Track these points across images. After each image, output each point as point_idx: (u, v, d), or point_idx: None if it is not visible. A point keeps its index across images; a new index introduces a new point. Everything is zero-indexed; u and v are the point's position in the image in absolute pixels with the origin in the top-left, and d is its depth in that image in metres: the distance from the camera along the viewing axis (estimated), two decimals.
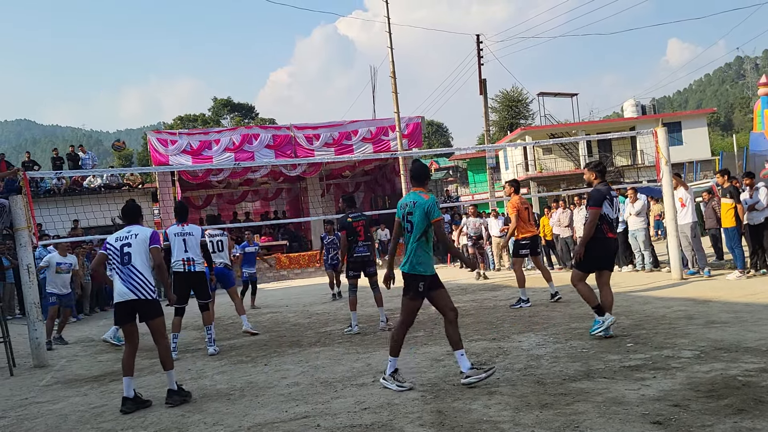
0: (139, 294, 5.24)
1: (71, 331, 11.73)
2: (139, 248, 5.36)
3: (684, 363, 4.85)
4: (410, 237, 5.09)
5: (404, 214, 5.19)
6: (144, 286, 5.27)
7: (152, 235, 5.48)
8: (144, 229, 5.52)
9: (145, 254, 5.38)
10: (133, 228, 5.52)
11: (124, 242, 5.38)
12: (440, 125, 73.76)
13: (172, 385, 5.23)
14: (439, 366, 5.67)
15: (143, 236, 5.41)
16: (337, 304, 12.25)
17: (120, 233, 5.50)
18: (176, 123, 56.99)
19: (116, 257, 5.36)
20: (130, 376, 5.22)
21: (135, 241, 5.37)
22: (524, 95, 50.81)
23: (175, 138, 21.94)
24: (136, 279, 5.26)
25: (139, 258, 5.32)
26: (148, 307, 5.29)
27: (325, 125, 23.14)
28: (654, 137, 10.59)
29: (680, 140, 35.30)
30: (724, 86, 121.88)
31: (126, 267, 5.29)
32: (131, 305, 5.26)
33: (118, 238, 5.44)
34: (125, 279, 5.26)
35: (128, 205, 5.76)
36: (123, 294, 5.24)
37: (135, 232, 5.45)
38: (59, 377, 7.15)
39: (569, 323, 7.23)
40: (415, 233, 5.05)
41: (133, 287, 5.24)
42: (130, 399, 5.14)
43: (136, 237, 5.39)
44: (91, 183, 23.01)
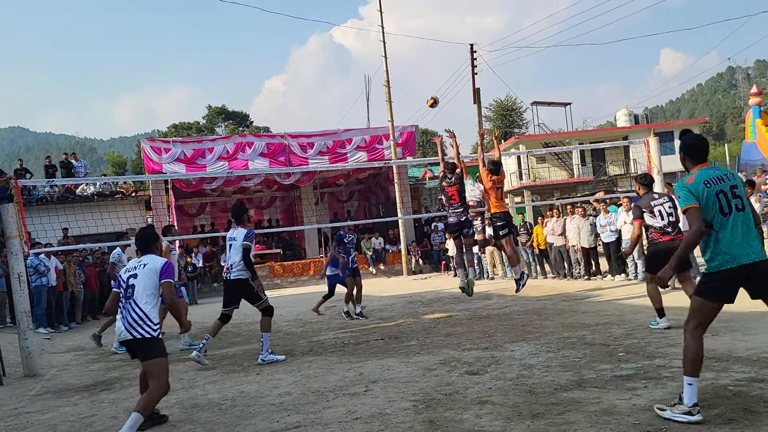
0: (134, 333, 4.65)
1: (62, 340, 11.67)
2: (145, 281, 4.77)
3: (675, 372, 4.86)
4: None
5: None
6: (141, 323, 4.67)
7: (164, 268, 4.85)
8: (155, 260, 4.92)
9: (152, 288, 4.78)
10: (144, 259, 4.95)
11: (131, 273, 4.85)
12: (435, 134, 73.92)
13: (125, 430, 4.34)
14: (431, 375, 5.66)
15: (152, 267, 4.83)
16: (330, 313, 12.20)
17: (131, 264, 4.99)
18: (170, 131, 56.90)
19: (122, 290, 4.85)
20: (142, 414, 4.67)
21: (142, 272, 4.81)
22: (518, 104, 51.04)
23: (168, 146, 21.90)
24: (134, 316, 4.68)
25: (142, 292, 4.74)
26: (145, 346, 4.70)
27: (319, 134, 23.16)
28: (646, 147, 10.65)
29: (673, 149, 35.40)
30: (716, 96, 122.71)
31: (128, 301, 4.75)
32: (131, 344, 4.73)
33: (127, 270, 4.94)
34: (124, 315, 4.73)
35: (141, 233, 5.22)
36: (122, 332, 4.72)
37: (145, 262, 4.88)
38: (49, 387, 7.10)
39: (561, 332, 7.23)
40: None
41: (129, 325, 4.67)
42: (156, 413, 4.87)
43: (144, 267, 4.83)
44: (84, 191, 22.93)
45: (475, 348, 6.82)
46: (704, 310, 3.96)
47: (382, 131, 23.40)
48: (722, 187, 3.88)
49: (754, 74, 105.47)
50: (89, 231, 17.77)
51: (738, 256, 3.78)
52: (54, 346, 10.71)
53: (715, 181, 3.90)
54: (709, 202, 3.85)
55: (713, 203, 3.84)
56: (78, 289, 14.52)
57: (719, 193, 3.86)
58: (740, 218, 3.86)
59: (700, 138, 4.19)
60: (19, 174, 20.67)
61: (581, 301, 9.93)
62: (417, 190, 29.31)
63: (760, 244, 3.90)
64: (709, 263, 3.91)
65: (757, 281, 3.84)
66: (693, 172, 4.02)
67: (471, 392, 4.90)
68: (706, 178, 3.90)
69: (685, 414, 3.76)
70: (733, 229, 3.82)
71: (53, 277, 12.93)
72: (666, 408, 3.88)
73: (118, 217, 19.30)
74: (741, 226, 3.84)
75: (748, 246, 3.80)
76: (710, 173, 3.93)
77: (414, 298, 13.34)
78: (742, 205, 3.88)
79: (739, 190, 3.92)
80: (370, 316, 10.85)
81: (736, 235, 3.81)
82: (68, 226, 17.64)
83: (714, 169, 3.97)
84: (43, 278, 12.45)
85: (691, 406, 3.77)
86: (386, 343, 7.82)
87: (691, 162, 4.12)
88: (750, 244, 3.82)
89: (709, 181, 3.89)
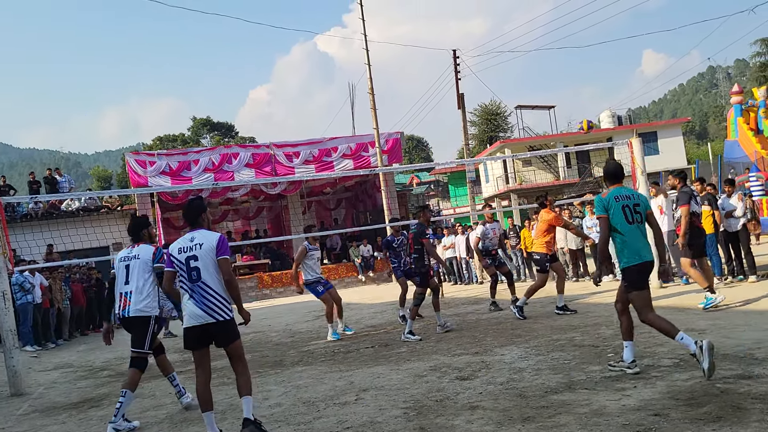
0: (216, 316, 4.48)
1: (49, 357, 11.54)
2: (206, 261, 4.56)
3: (664, 372, 4.89)
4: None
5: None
6: (220, 305, 4.51)
7: (219, 242, 4.62)
8: (209, 236, 4.67)
9: (213, 266, 4.57)
10: (196, 235, 4.68)
11: (189, 254, 4.59)
12: (420, 140, 74.11)
13: (248, 414, 4.45)
14: (422, 382, 5.65)
15: (209, 245, 4.59)
16: (320, 322, 12.15)
17: (182, 242, 4.69)
18: (155, 143, 56.67)
19: (183, 272, 4.59)
20: (210, 410, 4.56)
21: (201, 253, 4.57)
22: (502, 109, 51.33)
23: (153, 159, 21.79)
24: (210, 298, 4.50)
25: (208, 272, 4.54)
26: (226, 329, 4.54)
27: (304, 143, 23.15)
28: (629, 148, 10.74)
29: (656, 150, 35.82)
30: (698, 95, 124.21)
31: (196, 285, 4.53)
32: (206, 329, 4.51)
33: (181, 249, 4.63)
34: (197, 299, 4.51)
35: (189, 205, 4.89)
36: (198, 317, 4.49)
37: (199, 241, 4.62)
38: (37, 405, 7.01)
39: (551, 335, 7.25)
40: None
41: (208, 308, 4.49)
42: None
43: (201, 247, 4.59)
44: (69, 206, 22.75)
45: (465, 353, 6.82)
46: (642, 296, 5.08)
47: (367, 138, 23.44)
48: (627, 203, 5.19)
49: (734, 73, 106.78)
50: (75, 246, 17.59)
51: (643, 254, 5.11)
52: (41, 364, 10.60)
53: (623, 198, 5.21)
54: (617, 212, 5.15)
55: (619, 213, 5.15)
56: (64, 306, 14.37)
57: (625, 207, 5.17)
58: (639, 228, 5.18)
59: (617, 165, 5.55)
60: (2, 191, 20.49)
61: (569, 303, 9.95)
62: (404, 197, 29.34)
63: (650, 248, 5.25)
64: (624, 260, 5.14)
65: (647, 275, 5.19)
66: (609, 189, 5.38)
67: (462, 398, 4.90)
68: (617, 195, 5.23)
69: (626, 367, 5.00)
70: (634, 234, 5.13)
71: (39, 294, 12.80)
72: (615, 365, 5.13)
73: (104, 231, 19.12)
74: (639, 234, 5.17)
75: (647, 248, 5.16)
76: (621, 191, 5.26)
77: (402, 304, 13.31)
78: (641, 219, 5.21)
79: (640, 207, 5.23)
80: (359, 323, 10.84)
81: (637, 240, 5.13)
82: (53, 242, 17.47)
83: (625, 189, 5.31)
84: (28, 295, 12.31)
85: (630, 361, 5.03)
86: (376, 350, 7.81)
87: (608, 182, 5.48)
88: (647, 247, 5.17)
89: (618, 197, 5.21)
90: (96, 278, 16.57)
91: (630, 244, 5.10)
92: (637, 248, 5.10)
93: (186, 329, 4.56)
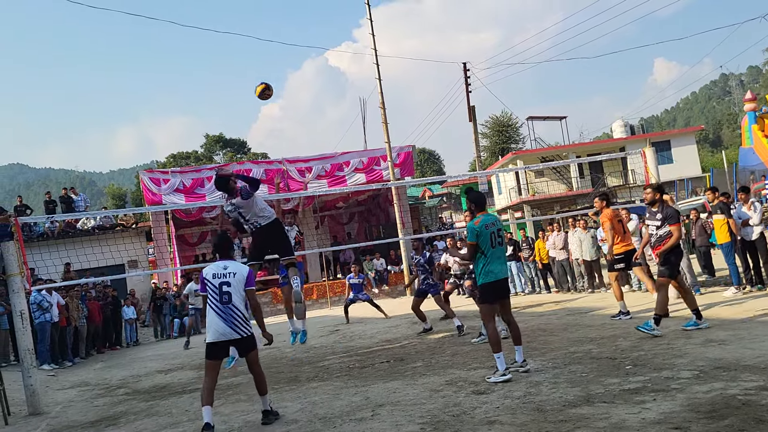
0: (241, 333, 5.46)
1: (66, 376, 11.60)
2: (237, 288, 5.53)
3: (683, 384, 4.82)
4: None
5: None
6: (244, 324, 5.50)
7: (249, 275, 5.63)
8: (240, 268, 5.65)
9: (242, 294, 5.56)
10: (229, 265, 5.63)
11: (222, 280, 5.52)
12: (432, 153, 74.15)
13: (266, 407, 5.60)
14: (438, 397, 5.62)
15: (240, 277, 5.56)
16: (335, 337, 12.14)
17: (215, 269, 5.59)
18: (169, 161, 57.10)
19: (215, 295, 5.50)
20: (210, 405, 5.44)
21: (234, 281, 5.53)
22: (514, 120, 51.29)
23: (167, 177, 21.96)
24: (238, 318, 5.46)
25: (237, 297, 5.51)
26: (247, 343, 5.53)
27: (316, 158, 23.23)
28: (643, 157, 10.69)
29: (670, 158, 35.60)
30: (711, 103, 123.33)
31: (226, 306, 5.46)
32: (231, 343, 5.48)
33: (215, 275, 5.55)
34: (227, 318, 5.44)
35: (220, 238, 5.89)
36: (226, 333, 5.43)
37: (232, 271, 5.58)
38: (54, 425, 7.04)
39: (567, 347, 7.19)
40: None
41: (235, 326, 5.44)
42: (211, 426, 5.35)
43: (234, 276, 5.54)
44: (85, 225, 22.94)
45: (481, 367, 6.77)
46: (490, 309, 6.24)
47: (379, 152, 23.47)
48: (493, 230, 6.15)
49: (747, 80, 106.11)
50: (91, 265, 17.74)
51: (498, 274, 6.16)
52: (58, 383, 10.65)
53: (491, 225, 6.17)
54: (486, 238, 6.11)
55: (487, 239, 6.11)
56: (81, 324, 14.46)
57: (492, 233, 6.14)
58: (499, 251, 6.22)
59: (481, 194, 6.58)
60: (19, 211, 20.69)
61: (586, 315, 9.89)
62: (416, 210, 29.32)
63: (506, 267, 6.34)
64: (483, 278, 6.17)
65: (504, 290, 6.32)
66: (478, 216, 6.27)
67: (479, 412, 4.86)
68: (487, 222, 6.17)
69: (501, 376, 5.83)
70: (495, 256, 6.15)
71: (56, 312, 12.89)
72: (491, 376, 5.92)
73: (119, 249, 19.27)
74: (500, 256, 6.22)
75: (503, 268, 6.21)
76: (489, 219, 6.23)
77: (418, 319, 13.25)
78: (501, 242, 6.25)
79: (501, 232, 6.26)
80: (374, 338, 10.82)
81: (497, 261, 6.15)
82: (70, 261, 17.62)
83: (490, 216, 6.31)
84: (46, 314, 12.41)
85: (504, 370, 5.88)
86: (392, 365, 7.77)
87: (476, 209, 6.40)
88: (503, 267, 6.23)
89: (488, 225, 6.15)
90: (112, 296, 16.66)
91: (492, 265, 6.12)
92: (496, 267, 6.13)
93: (211, 343, 5.48)
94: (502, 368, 5.90)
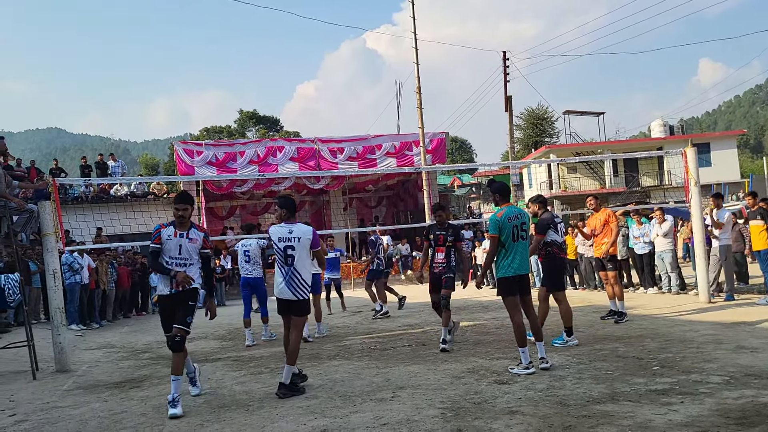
0: (298, 296, 5.76)
1: (93, 337, 11.85)
2: (301, 251, 5.77)
3: (713, 388, 4.72)
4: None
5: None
6: (303, 288, 5.77)
7: (314, 237, 5.84)
8: (304, 232, 5.81)
9: (306, 257, 5.82)
10: (294, 228, 5.82)
11: (287, 244, 5.76)
12: (464, 142, 73.54)
13: (285, 380, 5.60)
14: (460, 383, 5.59)
15: (305, 240, 5.78)
16: (357, 318, 12.18)
17: (281, 232, 5.80)
18: (202, 134, 57.56)
19: (280, 257, 5.78)
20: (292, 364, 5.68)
21: (298, 245, 5.76)
22: (550, 113, 50.54)
23: (201, 149, 22.19)
24: (297, 282, 5.75)
25: (299, 261, 5.75)
26: (300, 306, 5.80)
27: (349, 139, 23.23)
28: (683, 158, 10.43)
29: (709, 162, 34.77)
30: (755, 108, 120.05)
31: (290, 268, 5.74)
32: (288, 302, 5.78)
33: (280, 239, 5.78)
34: (288, 280, 5.75)
35: (286, 200, 6.04)
36: (285, 293, 5.77)
37: (297, 235, 5.78)
38: (81, 382, 7.20)
39: (593, 344, 7.10)
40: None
41: (293, 289, 5.74)
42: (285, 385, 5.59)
43: (298, 241, 5.76)
44: (118, 191, 23.34)
45: (503, 357, 6.72)
46: (512, 302, 6.03)
47: (412, 138, 23.38)
48: (516, 223, 5.98)
49: None
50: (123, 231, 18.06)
51: (518, 269, 5.98)
52: (85, 343, 10.89)
53: (514, 218, 5.98)
54: (508, 231, 5.95)
55: (510, 233, 5.95)
56: (110, 288, 14.75)
57: (514, 227, 5.96)
58: (522, 245, 6.02)
59: (506, 184, 6.34)
60: (54, 174, 21.11)
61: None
62: (445, 198, 29.18)
63: (528, 262, 6.13)
64: (502, 272, 6.01)
65: (523, 284, 6.08)
66: (502, 208, 6.08)
67: (500, 402, 4.82)
68: (510, 215, 5.99)
69: (524, 369, 5.77)
70: (516, 251, 5.97)
71: (86, 275, 13.16)
72: (514, 367, 5.89)
73: (150, 217, 19.57)
74: (522, 250, 6.01)
75: (524, 263, 6.01)
76: (512, 211, 6.02)
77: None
78: (525, 236, 6.05)
79: (525, 225, 6.06)
80: (396, 321, 10.83)
81: (518, 256, 5.96)
82: (102, 226, 17.95)
83: (515, 209, 6.07)
84: (76, 276, 12.67)
85: (527, 364, 5.81)
86: (413, 349, 7.76)
87: (501, 200, 6.20)
88: (524, 263, 6.03)
89: (510, 218, 5.97)
90: (141, 263, 16.97)
91: (513, 259, 5.96)
92: (516, 262, 5.97)
93: (277, 299, 5.84)
94: (526, 362, 5.83)
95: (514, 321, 6.02)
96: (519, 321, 6.00)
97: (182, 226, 5.67)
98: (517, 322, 5.99)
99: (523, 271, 6.03)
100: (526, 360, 5.84)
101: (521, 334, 5.93)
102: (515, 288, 6.02)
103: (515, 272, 5.97)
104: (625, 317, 8.69)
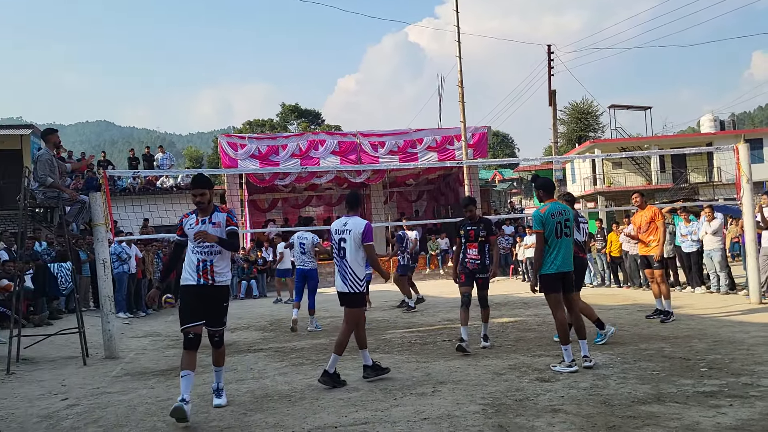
0: (349, 288, 5.79)
1: (140, 325, 12.17)
2: (351, 244, 5.78)
3: (764, 392, 4.58)
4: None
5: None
6: (354, 281, 5.78)
7: (365, 231, 5.78)
8: (358, 224, 5.81)
9: (357, 250, 5.79)
10: (348, 221, 5.87)
11: (340, 236, 5.85)
12: (506, 136, 72.73)
13: (331, 368, 5.69)
14: (501, 380, 5.55)
15: (356, 233, 5.77)
16: (397, 312, 12.20)
17: (338, 225, 5.93)
18: (245, 127, 58.41)
19: (335, 249, 5.90)
20: (365, 348, 6.00)
21: (349, 237, 5.79)
22: (594, 107, 49.54)
23: (244, 142, 22.49)
24: (348, 274, 5.79)
25: (351, 254, 5.77)
26: (352, 299, 5.84)
27: (390, 133, 23.22)
28: (735, 154, 10.11)
29: (761, 158, 33.59)
30: None
31: (342, 261, 5.83)
32: (342, 294, 5.86)
33: (336, 231, 5.90)
34: (340, 272, 5.85)
35: (350, 194, 6.18)
36: (338, 285, 5.88)
37: (349, 228, 5.82)
38: (128, 369, 7.41)
39: (638, 343, 6.96)
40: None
41: (345, 281, 5.80)
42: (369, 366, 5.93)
43: (350, 233, 5.79)
44: (164, 183, 23.88)
45: (545, 354, 6.65)
46: (554, 299, 5.99)
47: (453, 132, 23.23)
48: (560, 219, 5.92)
49: None
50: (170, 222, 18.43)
51: (561, 266, 5.91)
52: (132, 331, 11.19)
53: (558, 214, 5.93)
54: (551, 228, 5.90)
55: (553, 229, 5.90)
56: (155, 278, 15.10)
57: (558, 223, 5.91)
58: (565, 242, 5.95)
59: (549, 180, 6.36)
60: (102, 165, 21.75)
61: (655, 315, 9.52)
62: (486, 192, 28.95)
63: (571, 259, 6.03)
64: (545, 268, 5.95)
65: (566, 282, 6.00)
66: (546, 204, 6.03)
67: (542, 399, 4.78)
68: (553, 211, 5.94)
69: (567, 367, 5.70)
70: (560, 248, 5.90)
71: (134, 264, 13.51)
72: (557, 365, 5.83)
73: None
74: (565, 247, 5.94)
75: (567, 260, 5.94)
76: (556, 207, 5.98)
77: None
78: (569, 233, 5.98)
79: (570, 222, 6.00)
80: (436, 316, 10.82)
81: (561, 253, 5.89)
82: (149, 217, 18.39)
83: (558, 205, 6.04)
84: (124, 265, 13.02)
85: (570, 362, 5.74)
86: (454, 344, 7.72)
87: (545, 196, 6.13)
88: (568, 260, 5.95)
89: (554, 214, 5.93)
90: None
91: (556, 256, 5.90)
92: (560, 259, 5.89)
93: (337, 292, 5.95)
94: (568, 360, 5.78)
95: (557, 318, 5.98)
96: (562, 318, 5.96)
97: (204, 212, 5.26)
98: (560, 319, 5.95)
99: (566, 268, 5.96)
100: (569, 358, 5.79)
101: (564, 331, 5.91)
102: (558, 285, 5.98)
103: (558, 269, 5.92)
104: (672, 317, 8.50)
